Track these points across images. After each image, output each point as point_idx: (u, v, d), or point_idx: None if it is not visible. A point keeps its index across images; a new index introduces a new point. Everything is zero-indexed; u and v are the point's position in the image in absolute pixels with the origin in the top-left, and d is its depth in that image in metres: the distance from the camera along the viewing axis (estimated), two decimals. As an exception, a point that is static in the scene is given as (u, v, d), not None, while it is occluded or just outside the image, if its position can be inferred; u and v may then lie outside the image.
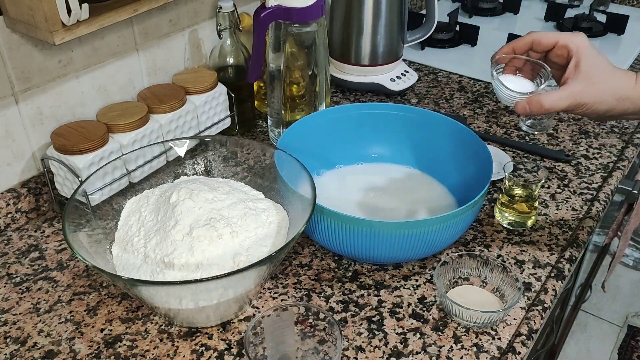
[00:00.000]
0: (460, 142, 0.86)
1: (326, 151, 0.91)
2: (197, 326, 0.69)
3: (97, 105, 0.91)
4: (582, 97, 0.67)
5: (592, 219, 0.87)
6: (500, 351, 0.67)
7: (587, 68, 0.67)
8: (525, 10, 1.63)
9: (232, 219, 0.70)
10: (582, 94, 0.67)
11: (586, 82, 0.67)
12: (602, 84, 0.67)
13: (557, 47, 0.70)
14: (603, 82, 0.67)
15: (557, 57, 0.70)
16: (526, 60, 0.71)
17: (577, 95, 0.67)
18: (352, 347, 0.67)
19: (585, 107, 0.67)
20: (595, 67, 0.68)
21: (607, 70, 0.68)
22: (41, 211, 0.88)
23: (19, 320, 0.71)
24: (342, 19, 1.14)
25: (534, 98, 0.68)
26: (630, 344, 1.90)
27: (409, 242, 0.70)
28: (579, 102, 0.67)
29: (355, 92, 1.20)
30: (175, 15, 0.99)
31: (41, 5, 0.69)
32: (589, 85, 0.67)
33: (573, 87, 0.67)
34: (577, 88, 0.67)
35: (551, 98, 0.67)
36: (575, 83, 0.67)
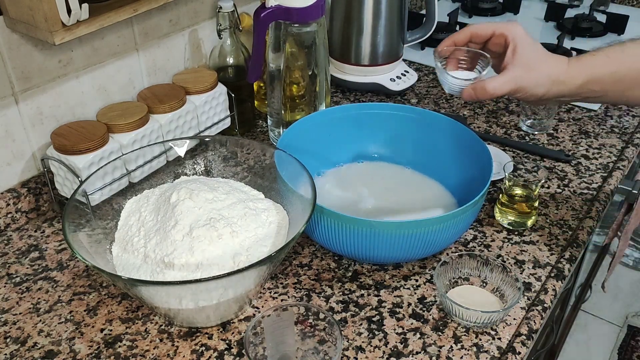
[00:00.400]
0: (460, 142, 0.86)
1: (326, 151, 0.91)
2: (197, 326, 0.69)
3: (97, 105, 0.91)
4: (522, 81, 0.71)
5: (592, 219, 0.87)
6: (500, 351, 0.67)
7: (524, 54, 0.71)
8: (525, 10, 1.63)
9: (232, 219, 0.70)
10: (522, 78, 0.71)
11: (524, 68, 0.71)
12: (539, 69, 0.71)
13: (494, 37, 0.74)
14: (539, 67, 0.71)
15: (495, 45, 0.74)
16: (467, 50, 0.75)
17: (517, 79, 0.71)
18: (352, 347, 0.67)
19: (525, 91, 0.71)
20: (531, 53, 0.71)
21: (542, 56, 0.72)
22: (41, 211, 0.88)
23: (19, 320, 0.71)
24: (342, 19, 1.14)
25: (478, 84, 0.71)
26: (630, 344, 1.90)
27: (409, 242, 0.70)
28: (519, 86, 0.71)
29: (355, 92, 1.20)
30: (175, 15, 0.99)
31: (41, 5, 0.69)
32: (527, 70, 0.71)
33: (513, 72, 0.71)
34: (517, 73, 0.71)
35: (494, 83, 0.71)
36: (515, 68, 0.71)
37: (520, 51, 0.71)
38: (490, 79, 0.71)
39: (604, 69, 0.71)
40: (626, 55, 0.70)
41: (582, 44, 1.38)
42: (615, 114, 1.14)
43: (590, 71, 0.71)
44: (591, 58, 0.72)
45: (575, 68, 0.71)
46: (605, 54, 0.72)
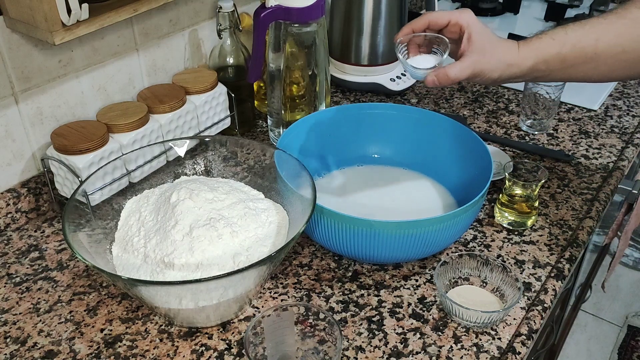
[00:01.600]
0: (460, 142, 0.86)
1: (326, 151, 0.91)
2: (197, 326, 0.69)
3: (97, 105, 0.91)
4: (479, 65, 0.75)
5: (592, 219, 0.87)
6: (500, 351, 0.67)
7: (478, 40, 0.75)
8: (525, 10, 1.63)
9: (232, 219, 0.70)
10: (479, 63, 0.75)
11: (480, 53, 0.75)
12: (493, 53, 0.75)
13: (450, 25, 0.77)
14: (494, 51, 0.75)
15: (450, 33, 0.77)
16: (425, 35, 0.78)
17: (475, 64, 0.75)
18: (352, 347, 0.67)
19: (482, 75, 0.76)
20: (485, 39, 0.76)
21: (495, 41, 0.76)
22: (41, 211, 0.88)
23: (19, 320, 0.71)
24: (342, 19, 1.14)
25: (440, 71, 0.75)
26: (630, 344, 1.90)
27: (409, 242, 0.70)
28: (477, 70, 0.75)
29: (355, 92, 1.20)
30: (175, 15, 0.99)
31: (41, 5, 0.69)
32: (482, 55, 0.75)
33: (471, 58, 0.75)
34: (474, 58, 0.75)
35: (455, 69, 0.74)
36: (472, 54, 0.75)
37: (475, 38, 0.75)
38: (450, 65, 0.75)
39: (550, 50, 0.75)
40: (568, 37, 0.75)
41: (582, 44, 1.37)
42: (615, 114, 1.14)
43: (538, 53, 0.76)
44: (538, 41, 0.76)
45: (525, 51, 0.76)
46: (550, 36, 0.76)
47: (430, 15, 0.78)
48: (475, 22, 0.76)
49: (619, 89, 1.23)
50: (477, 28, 0.76)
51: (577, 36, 0.75)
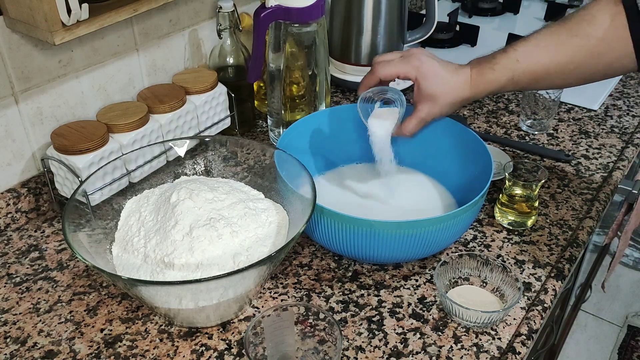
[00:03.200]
0: (460, 142, 0.86)
1: (326, 151, 0.91)
2: (197, 326, 0.69)
3: (97, 105, 0.91)
4: (430, 115, 0.81)
5: (592, 219, 0.87)
6: (500, 351, 0.67)
7: (427, 88, 0.79)
8: (525, 10, 1.63)
9: (232, 219, 0.70)
10: (430, 114, 0.81)
11: (430, 103, 0.80)
12: (445, 98, 0.80)
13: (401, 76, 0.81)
14: (445, 95, 0.79)
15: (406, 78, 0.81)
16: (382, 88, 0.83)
17: (425, 116, 0.81)
18: (352, 347, 0.67)
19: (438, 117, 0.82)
20: (433, 84, 0.79)
21: (445, 83, 0.79)
22: (41, 211, 0.88)
23: (19, 320, 0.71)
24: (342, 19, 1.14)
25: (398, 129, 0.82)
26: (630, 344, 1.90)
27: (409, 242, 0.70)
28: (430, 118, 0.81)
29: (355, 92, 1.20)
30: (175, 15, 0.99)
31: (41, 5, 0.69)
32: (432, 105, 0.80)
33: (421, 112, 0.81)
34: (423, 112, 0.81)
35: (409, 127, 0.81)
36: (422, 106, 0.81)
37: (424, 86, 0.79)
38: (405, 122, 0.82)
39: (503, 79, 0.79)
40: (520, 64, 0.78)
41: (582, 44, 1.37)
42: (615, 114, 1.14)
43: (491, 85, 0.79)
44: (491, 72, 0.79)
45: (479, 85, 0.80)
46: (502, 65, 0.79)
47: (379, 72, 0.82)
48: (422, 69, 0.79)
49: (619, 89, 1.23)
50: (426, 75, 0.79)
51: (529, 61, 0.77)
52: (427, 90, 0.79)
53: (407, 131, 0.81)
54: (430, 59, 0.80)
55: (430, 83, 0.79)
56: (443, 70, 0.80)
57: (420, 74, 0.79)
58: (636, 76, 1.28)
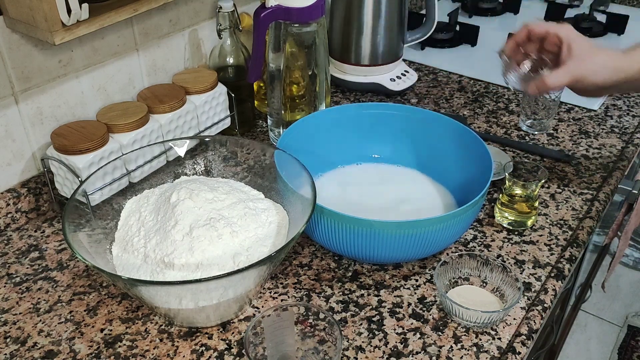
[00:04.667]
0: (460, 142, 0.86)
1: (326, 151, 0.91)
2: (197, 326, 0.69)
3: (97, 105, 0.91)
4: (579, 71, 0.77)
5: (592, 219, 0.87)
6: (500, 351, 0.67)
7: (578, 48, 0.77)
8: (525, 10, 1.63)
9: (232, 219, 0.70)
10: (578, 69, 0.77)
11: (580, 59, 0.77)
12: (594, 59, 0.77)
13: (549, 36, 0.80)
14: (594, 57, 0.77)
15: (551, 45, 0.81)
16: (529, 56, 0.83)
17: (573, 70, 0.77)
18: (352, 347, 0.67)
19: (583, 80, 0.77)
20: (585, 47, 0.78)
21: (597, 49, 0.78)
22: (41, 211, 0.88)
23: (19, 320, 0.71)
24: (342, 19, 1.14)
25: (539, 80, 0.78)
26: (630, 344, 1.90)
27: (409, 242, 0.70)
28: (576, 75, 0.77)
29: (355, 92, 1.20)
30: (175, 15, 0.99)
31: (41, 5, 0.69)
32: (582, 61, 0.77)
33: (569, 65, 0.77)
34: (572, 65, 0.77)
35: (553, 76, 0.77)
36: (571, 61, 0.77)
37: (575, 47, 0.77)
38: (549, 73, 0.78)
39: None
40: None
41: (582, 44, 1.38)
42: (615, 114, 1.14)
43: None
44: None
45: (633, 55, 0.77)
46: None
47: (529, 25, 0.81)
48: (574, 33, 0.79)
49: (619, 89, 1.23)
50: (577, 38, 0.78)
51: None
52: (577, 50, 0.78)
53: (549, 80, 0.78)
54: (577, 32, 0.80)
55: (581, 45, 0.78)
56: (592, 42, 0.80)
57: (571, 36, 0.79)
58: (636, 76, 1.28)
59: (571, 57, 0.78)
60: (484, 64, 1.32)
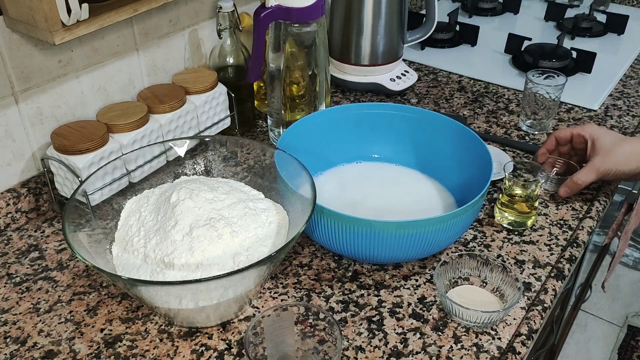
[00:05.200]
0: (460, 142, 0.86)
1: (326, 151, 0.91)
2: (197, 326, 0.69)
3: (97, 105, 0.91)
4: (604, 165, 0.83)
5: (592, 219, 0.87)
6: (500, 351, 0.67)
7: (602, 144, 0.85)
8: (525, 10, 1.63)
9: (232, 219, 0.70)
10: (603, 163, 0.83)
11: (604, 154, 0.84)
12: (617, 150, 0.83)
13: (574, 137, 0.88)
14: (618, 148, 0.84)
15: (577, 144, 0.89)
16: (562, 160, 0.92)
17: (599, 166, 0.84)
18: (352, 347, 0.67)
19: (613, 172, 0.84)
20: (608, 140, 0.85)
21: (620, 140, 0.85)
22: (41, 211, 0.88)
23: (19, 320, 0.71)
24: (342, 19, 1.14)
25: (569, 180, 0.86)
26: (630, 344, 1.90)
27: (409, 242, 0.70)
28: (602, 171, 0.84)
29: (355, 92, 1.20)
30: (175, 15, 0.99)
31: (41, 5, 0.69)
32: (606, 155, 0.84)
33: (594, 161, 0.84)
34: (597, 161, 0.84)
35: (580, 175, 0.85)
36: (596, 158, 0.84)
37: (598, 143, 0.85)
38: (578, 172, 0.85)
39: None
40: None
41: (582, 44, 1.38)
42: (615, 114, 1.14)
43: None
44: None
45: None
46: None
47: (554, 133, 0.90)
48: (598, 130, 0.86)
49: (619, 89, 1.23)
50: (600, 134, 0.85)
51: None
52: (601, 146, 0.85)
53: (578, 179, 0.85)
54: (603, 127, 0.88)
55: (605, 140, 0.85)
56: (619, 134, 0.87)
57: (594, 133, 0.86)
58: (636, 76, 1.28)
59: (596, 153, 0.84)
60: (484, 64, 1.32)
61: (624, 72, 1.30)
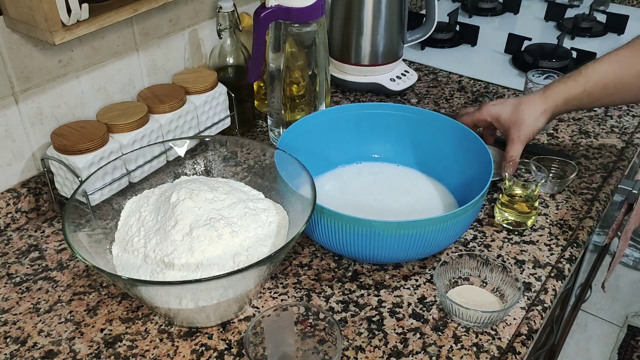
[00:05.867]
0: (460, 142, 0.86)
1: (326, 151, 0.91)
2: (197, 326, 0.69)
3: (97, 105, 0.91)
4: (523, 134, 0.86)
5: (592, 219, 0.87)
6: (500, 351, 0.67)
7: (505, 118, 0.88)
8: (525, 10, 1.63)
9: (232, 219, 0.70)
10: (521, 133, 0.86)
11: (515, 126, 0.87)
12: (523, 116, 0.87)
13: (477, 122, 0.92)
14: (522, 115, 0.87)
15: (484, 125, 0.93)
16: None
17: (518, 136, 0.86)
18: (352, 347, 0.67)
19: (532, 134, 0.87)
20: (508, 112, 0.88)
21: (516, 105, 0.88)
22: (41, 211, 0.88)
23: (19, 320, 0.71)
24: (342, 19, 1.14)
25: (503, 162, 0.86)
26: (630, 344, 1.90)
27: (409, 242, 0.70)
28: (523, 138, 0.87)
29: (355, 92, 1.20)
30: (175, 15, 0.99)
31: (41, 5, 0.69)
32: (517, 125, 0.87)
33: (512, 135, 0.87)
34: (514, 133, 0.87)
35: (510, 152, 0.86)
36: (511, 131, 0.87)
37: (502, 118, 0.89)
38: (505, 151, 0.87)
39: (576, 90, 0.86)
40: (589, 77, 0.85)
41: (582, 44, 1.38)
42: (615, 114, 1.14)
43: (565, 94, 0.87)
44: (563, 84, 0.87)
45: (552, 95, 0.87)
46: (572, 78, 0.87)
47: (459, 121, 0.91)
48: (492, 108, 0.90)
49: (619, 89, 1.23)
50: (497, 109, 0.89)
51: (596, 75, 0.85)
52: (507, 120, 0.88)
53: (511, 154, 0.86)
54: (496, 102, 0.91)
55: (506, 113, 0.88)
56: (511, 100, 0.90)
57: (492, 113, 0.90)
58: (636, 76, 1.28)
59: (507, 128, 0.88)
60: (484, 64, 1.32)
61: (624, 72, 1.29)
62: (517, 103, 0.88)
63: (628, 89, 0.85)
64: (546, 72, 1.05)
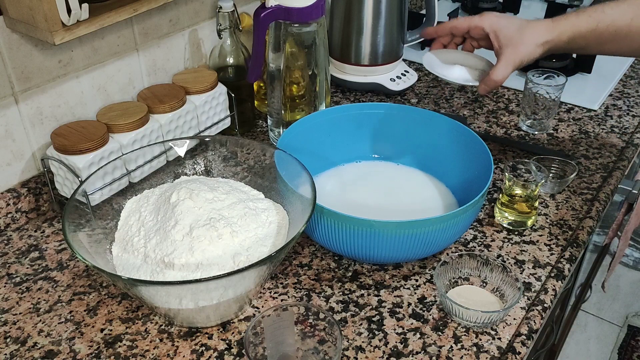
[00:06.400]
0: (460, 142, 0.86)
1: (326, 151, 0.91)
2: (197, 326, 0.69)
3: (97, 105, 0.91)
4: (517, 57, 0.82)
5: (592, 219, 0.87)
6: (500, 351, 0.67)
7: (506, 34, 0.83)
8: (525, 10, 1.63)
9: (232, 219, 0.70)
10: (516, 55, 0.82)
11: (513, 46, 0.82)
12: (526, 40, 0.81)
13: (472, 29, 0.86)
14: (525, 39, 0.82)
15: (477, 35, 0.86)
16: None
17: (513, 58, 0.82)
18: (352, 347, 0.67)
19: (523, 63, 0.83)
20: (512, 30, 0.83)
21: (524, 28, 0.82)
22: (41, 211, 0.88)
23: (19, 320, 0.71)
24: (342, 19, 1.14)
25: (486, 78, 0.83)
26: (630, 344, 1.90)
27: (409, 242, 0.70)
28: (517, 62, 0.82)
29: (355, 92, 1.20)
30: (175, 15, 0.99)
31: (41, 5, 0.69)
32: (516, 46, 0.82)
33: (506, 55, 0.82)
34: (509, 53, 0.82)
35: (497, 71, 0.82)
36: (507, 50, 0.82)
37: (501, 33, 0.83)
38: (493, 69, 0.82)
39: (587, 26, 0.81)
40: (606, 15, 0.81)
41: (582, 44, 1.37)
42: (615, 114, 1.14)
43: (575, 28, 0.82)
44: (575, 17, 0.82)
45: (560, 26, 0.82)
46: (587, 14, 0.82)
47: (451, 22, 0.86)
48: (496, 20, 0.84)
49: (619, 88, 1.23)
50: (501, 25, 0.83)
51: (613, 14, 0.80)
52: (506, 37, 0.82)
53: (495, 76, 0.82)
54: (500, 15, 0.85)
55: (508, 29, 0.82)
56: (517, 19, 0.84)
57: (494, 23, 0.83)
58: (636, 76, 1.28)
59: (503, 45, 0.82)
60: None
61: (624, 72, 1.30)
62: (522, 25, 0.83)
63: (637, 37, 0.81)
64: (546, 72, 1.05)
